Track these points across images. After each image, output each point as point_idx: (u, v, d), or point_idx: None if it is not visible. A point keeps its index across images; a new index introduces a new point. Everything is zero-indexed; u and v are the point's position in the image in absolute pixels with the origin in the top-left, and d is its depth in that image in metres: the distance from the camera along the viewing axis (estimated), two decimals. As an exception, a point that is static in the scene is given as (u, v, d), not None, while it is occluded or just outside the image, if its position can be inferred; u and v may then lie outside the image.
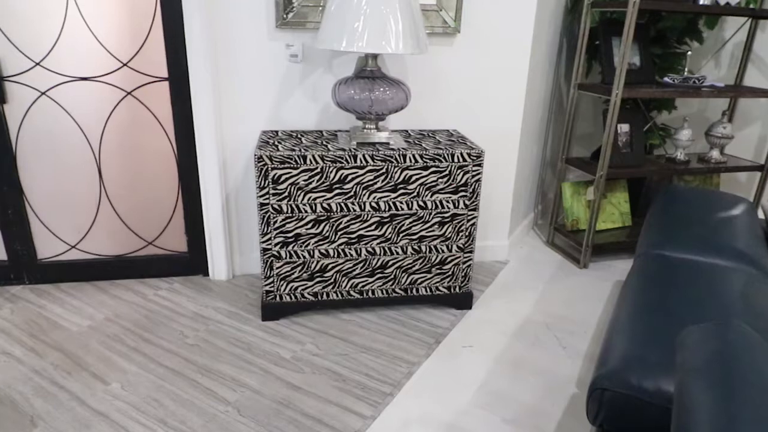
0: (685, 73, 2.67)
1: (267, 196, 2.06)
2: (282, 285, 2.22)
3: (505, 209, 2.75)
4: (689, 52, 2.68)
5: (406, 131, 2.43)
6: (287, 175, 2.04)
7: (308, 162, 2.03)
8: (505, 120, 2.58)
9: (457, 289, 2.34)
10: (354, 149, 2.06)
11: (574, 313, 2.38)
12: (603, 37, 2.62)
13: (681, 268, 1.46)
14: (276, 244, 2.14)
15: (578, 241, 2.82)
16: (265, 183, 2.04)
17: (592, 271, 2.76)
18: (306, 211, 2.10)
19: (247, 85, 2.32)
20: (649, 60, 2.69)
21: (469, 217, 2.21)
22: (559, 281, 2.66)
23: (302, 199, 2.08)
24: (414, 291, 2.31)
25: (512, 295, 2.52)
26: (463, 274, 2.31)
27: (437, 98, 2.48)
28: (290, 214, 2.10)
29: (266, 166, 2.02)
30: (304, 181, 2.05)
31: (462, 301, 2.36)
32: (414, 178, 2.11)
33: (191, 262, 2.63)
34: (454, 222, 2.21)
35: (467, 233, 2.24)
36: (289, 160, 2.01)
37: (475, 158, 2.12)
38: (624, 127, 2.67)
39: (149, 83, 2.33)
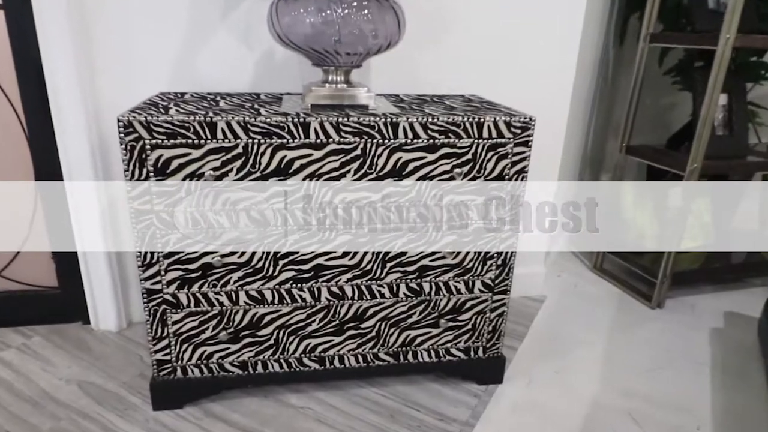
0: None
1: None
2: (186, 351, 1.30)
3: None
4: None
5: (396, 96, 1.52)
6: (182, 160, 1.12)
7: (219, 135, 1.11)
8: (548, 87, 1.68)
9: (481, 352, 1.43)
10: (305, 114, 1.15)
11: (668, 391, 1.48)
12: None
13: None
14: (169, 283, 1.22)
15: (645, 268, 1.93)
16: (140, 173, 1.12)
17: (671, 314, 1.86)
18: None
19: (136, 17, 1.40)
20: (750, 1, 1.83)
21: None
22: (626, 331, 1.76)
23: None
24: (410, 356, 1.40)
25: (562, 357, 1.61)
26: (491, 327, 1.40)
27: (444, 48, 1.58)
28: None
29: (141, 143, 1.10)
30: (214, 170, 1.14)
31: (488, 371, 1.45)
32: (411, 165, 1.20)
33: (64, 303, 1.69)
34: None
35: (500, 261, 1.33)
36: (183, 130, 1.10)
37: (518, 131, 1.22)
38: (721, 99, 1.79)
39: (-28, 13, 1.41)
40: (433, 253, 1.29)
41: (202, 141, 1.11)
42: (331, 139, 1.15)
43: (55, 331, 1.67)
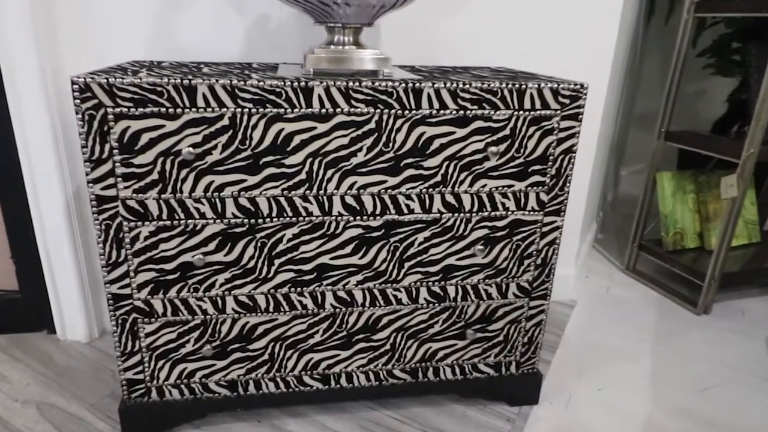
0: None
1: (110, 182, 0.92)
2: (162, 368, 1.07)
3: (575, 215, 1.64)
4: None
5: (411, 66, 1.30)
6: (154, 134, 0.90)
7: (200, 102, 0.89)
8: (584, 63, 1.47)
9: (514, 368, 1.21)
10: (308, 79, 0.93)
11: (731, 411, 1.26)
12: None
13: None
14: (140, 286, 1.00)
15: (686, 268, 1.72)
16: (101, 150, 0.90)
17: (720, 320, 1.65)
18: (204, 216, 0.96)
19: (105, -30, 1.19)
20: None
21: (546, 228, 1.09)
22: (671, 340, 1.54)
23: (191, 189, 0.94)
24: (430, 373, 1.18)
25: (602, 371, 1.39)
26: (526, 339, 1.19)
27: (467, 14, 1.37)
28: (167, 222, 0.96)
29: (102, 111, 0.88)
30: (194, 146, 0.92)
31: (522, 389, 1.23)
32: (437, 142, 0.99)
33: (25, 309, 1.47)
34: (514, 238, 1.08)
35: (540, 260, 1.12)
36: (155, 96, 0.88)
37: (567, 100, 1.01)
38: (777, 76, 1.58)
39: None
40: (460, 250, 1.07)
41: (179, 110, 0.89)
42: (339, 109, 0.93)
43: (15, 341, 1.45)
